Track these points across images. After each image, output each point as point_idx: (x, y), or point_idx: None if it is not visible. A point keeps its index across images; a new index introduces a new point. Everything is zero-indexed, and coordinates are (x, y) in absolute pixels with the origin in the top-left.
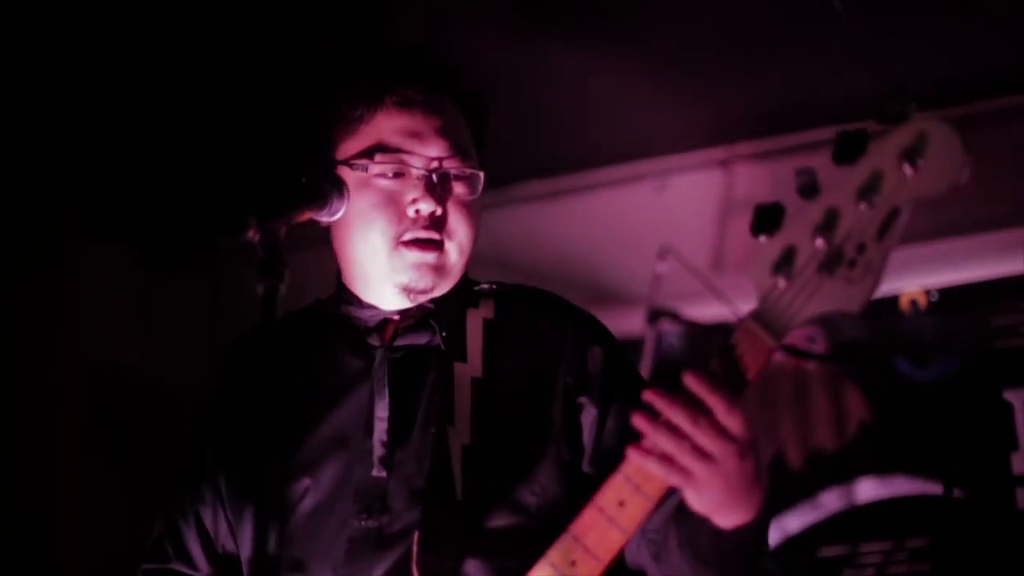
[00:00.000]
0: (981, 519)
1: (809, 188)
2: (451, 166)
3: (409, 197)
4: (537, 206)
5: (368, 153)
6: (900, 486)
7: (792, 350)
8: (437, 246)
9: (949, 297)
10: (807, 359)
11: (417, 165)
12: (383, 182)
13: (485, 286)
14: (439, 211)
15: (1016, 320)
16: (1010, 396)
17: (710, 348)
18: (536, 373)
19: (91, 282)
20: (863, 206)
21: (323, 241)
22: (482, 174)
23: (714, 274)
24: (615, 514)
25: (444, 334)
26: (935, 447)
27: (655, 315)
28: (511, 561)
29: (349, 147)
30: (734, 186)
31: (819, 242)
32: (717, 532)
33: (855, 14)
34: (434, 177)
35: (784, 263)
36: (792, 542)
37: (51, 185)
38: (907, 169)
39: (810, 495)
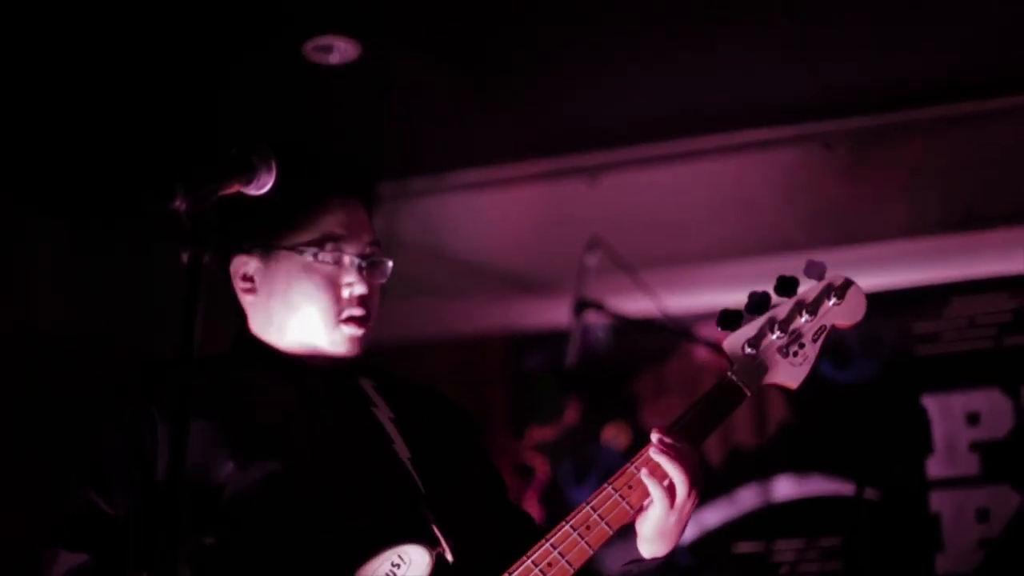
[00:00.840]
0: (894, 521)
1: (758, 306)
2: (374, 254)
3: (345, 280)
4: (470, 194)
5: (317, 243)
6: (816, 485)
7: (717, 348)
8: (365, 322)
9: (872, 302)
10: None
11: (352, 253)
12: (326, 268)
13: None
14: (367, 292)
15: (937, 327)
16: (928, 401)
17: (635, 343)
18: (427, 419)
19: (17, 250)
20: (806, 318)
21: None
22: (391, 262)
23: (641, 268)
24: (625, 493)
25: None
26: (853, 449)
27: (581, 306)
28: (474, 527)
29: (294, 237)
30: (667, 182)
31: (778, 334)
32: (631, 561)
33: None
34: (364, 264)
35: (755, 341)
36: (709, 537)
37: None
38: (833, 301)
39: (728, 491)
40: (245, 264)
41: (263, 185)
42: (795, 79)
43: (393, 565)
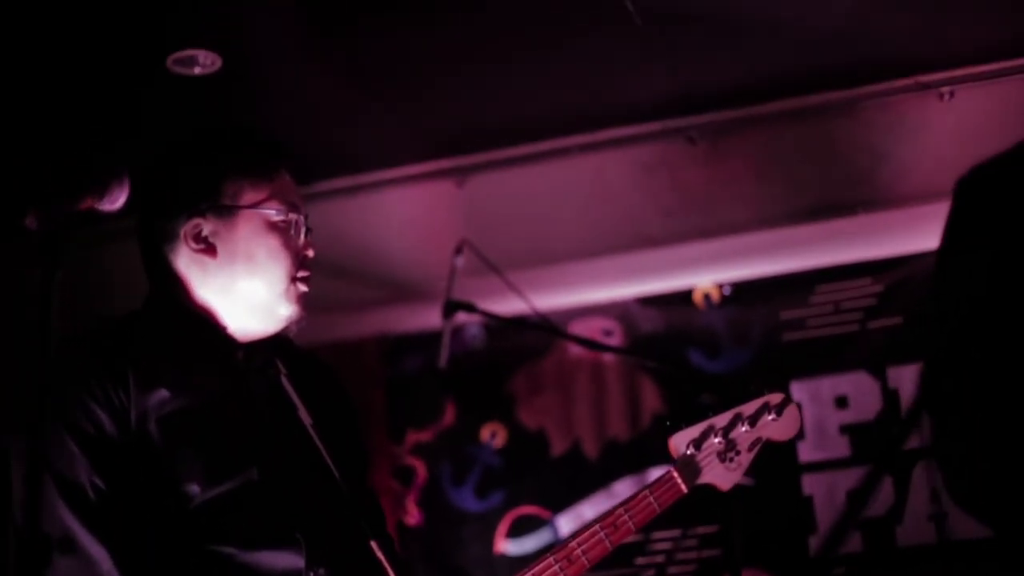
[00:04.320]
0: (768, 505)
1: (703, 411)
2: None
3: (301, 242)
4: (339, 202)
5: (274, 204)
6: None
7: (590, 343)
8: (309, 283)
9: (741, 291)
10: (604, 351)
11: (302, 220)
12: (285, 228)
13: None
14: (312, 255)
15: (803, 314)
16: (797, 387)
17: (510, 342)
18: (328, 416)
19: None
20: (745, 427)
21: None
22: None
23: (513, 268)
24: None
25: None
26: None
27: (451, 308)
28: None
29: (253, 196)
30: (535, 181)
31: (719, 439)
32: None
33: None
34: (310, 228)
35: (697, 442)
36: None
37: None
38: (772, 417)
39: (605, 484)
40: (198, 227)
41: (116, 200)
42: (655, 77)
43: None
